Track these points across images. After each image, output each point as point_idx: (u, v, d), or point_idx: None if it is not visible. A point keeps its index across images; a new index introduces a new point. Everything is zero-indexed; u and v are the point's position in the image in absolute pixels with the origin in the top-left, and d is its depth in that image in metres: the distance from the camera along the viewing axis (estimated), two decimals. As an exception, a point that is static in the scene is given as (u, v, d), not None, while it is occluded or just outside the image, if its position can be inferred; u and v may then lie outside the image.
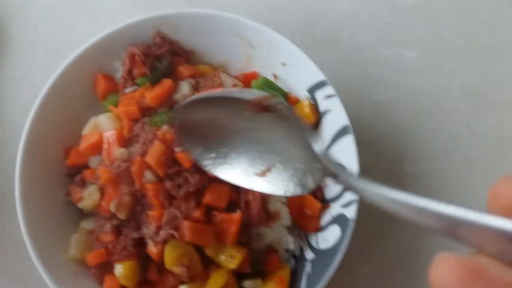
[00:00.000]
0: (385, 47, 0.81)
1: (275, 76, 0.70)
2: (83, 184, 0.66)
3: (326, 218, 0.64)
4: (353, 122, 0.64)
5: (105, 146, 0.62)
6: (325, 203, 0.66)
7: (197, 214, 0.58)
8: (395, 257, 0.74)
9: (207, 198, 0.59)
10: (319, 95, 0.65)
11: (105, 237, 0.62)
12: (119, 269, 0.62)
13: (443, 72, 0.80)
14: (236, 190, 0.60)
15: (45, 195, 0.65)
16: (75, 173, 0.68)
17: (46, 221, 0.64)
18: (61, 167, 0.68)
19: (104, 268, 0.63)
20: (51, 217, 0.65)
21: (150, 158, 0.57)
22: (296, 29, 0.81)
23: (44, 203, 0.64)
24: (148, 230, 0.60)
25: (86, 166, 0.67)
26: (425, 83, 0.80)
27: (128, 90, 0.67)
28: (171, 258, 0.58)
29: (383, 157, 0.77)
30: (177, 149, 0.58)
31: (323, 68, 0.74)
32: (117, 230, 0.62)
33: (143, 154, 0.59)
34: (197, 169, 0.58)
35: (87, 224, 0.66)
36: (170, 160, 0.58)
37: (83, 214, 0.67)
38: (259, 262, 0.63)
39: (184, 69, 0.68)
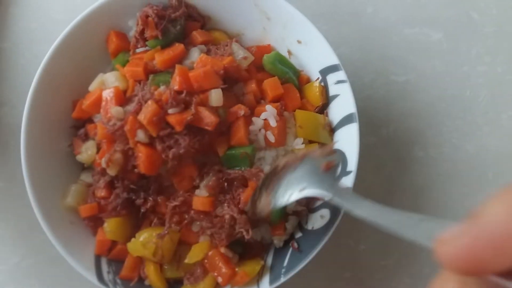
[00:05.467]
0: (410, 26, 0.76)
1: (289, 53, 0.67)
2: (86, 138, 0.67)
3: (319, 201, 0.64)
4: (367, 102, 0.61)
5: (103, 103, 0.63)
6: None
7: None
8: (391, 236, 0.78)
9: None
10: (331, 78, 0.63)
11: (99, 192, 0.63)
12: (106, 224, 0.64)
13: (467, 57, 0.76)
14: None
15: (49, 145, 0.66)
16: (81, 127, 0.68)
17: (48, 170, 0.65)
18: (68, 119, 0.68)
19: (97, 221, 0.65)
20: (53, 167, 0.66)
21: (142, 117, 0.57)
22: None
23: (48, 152, 0.66)
24: None
25: (90, 121, 0.67)
26: (446, 67, 0.76)
27: (139, 50, 0.66)
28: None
29: (393, 140, 0.75)
30: (170, 111, 0.57)
31: (343, 42, 0.71)
32: (111, 187, 0.63)
33: (137, 112, 0.58)
34: (188, 132, 0.58)
35: (86, 177, 0.67)
36: (162, 121, 0.57)
37: (84, 167, 0.69)
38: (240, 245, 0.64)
39: (197, 34, 0.66)
